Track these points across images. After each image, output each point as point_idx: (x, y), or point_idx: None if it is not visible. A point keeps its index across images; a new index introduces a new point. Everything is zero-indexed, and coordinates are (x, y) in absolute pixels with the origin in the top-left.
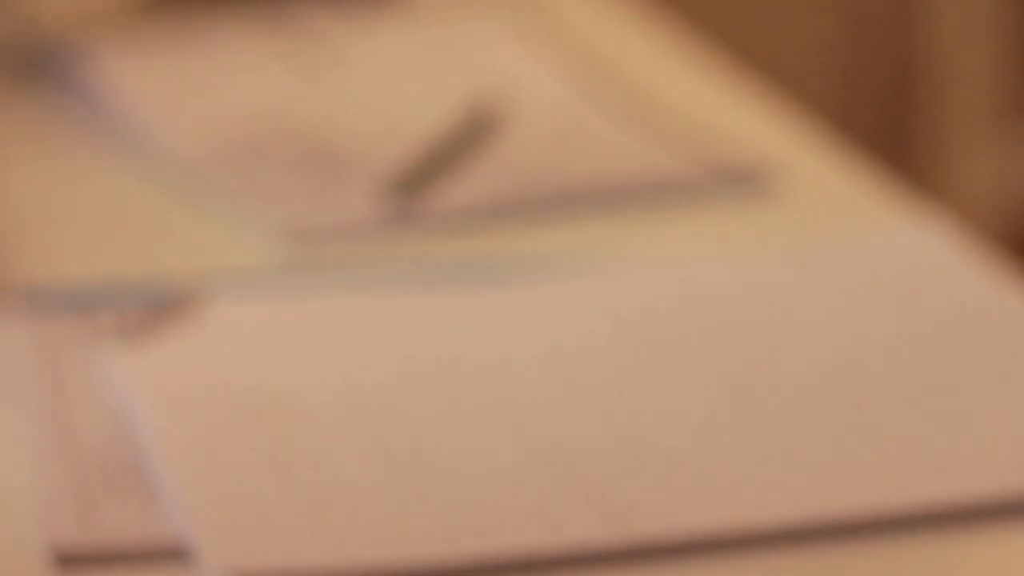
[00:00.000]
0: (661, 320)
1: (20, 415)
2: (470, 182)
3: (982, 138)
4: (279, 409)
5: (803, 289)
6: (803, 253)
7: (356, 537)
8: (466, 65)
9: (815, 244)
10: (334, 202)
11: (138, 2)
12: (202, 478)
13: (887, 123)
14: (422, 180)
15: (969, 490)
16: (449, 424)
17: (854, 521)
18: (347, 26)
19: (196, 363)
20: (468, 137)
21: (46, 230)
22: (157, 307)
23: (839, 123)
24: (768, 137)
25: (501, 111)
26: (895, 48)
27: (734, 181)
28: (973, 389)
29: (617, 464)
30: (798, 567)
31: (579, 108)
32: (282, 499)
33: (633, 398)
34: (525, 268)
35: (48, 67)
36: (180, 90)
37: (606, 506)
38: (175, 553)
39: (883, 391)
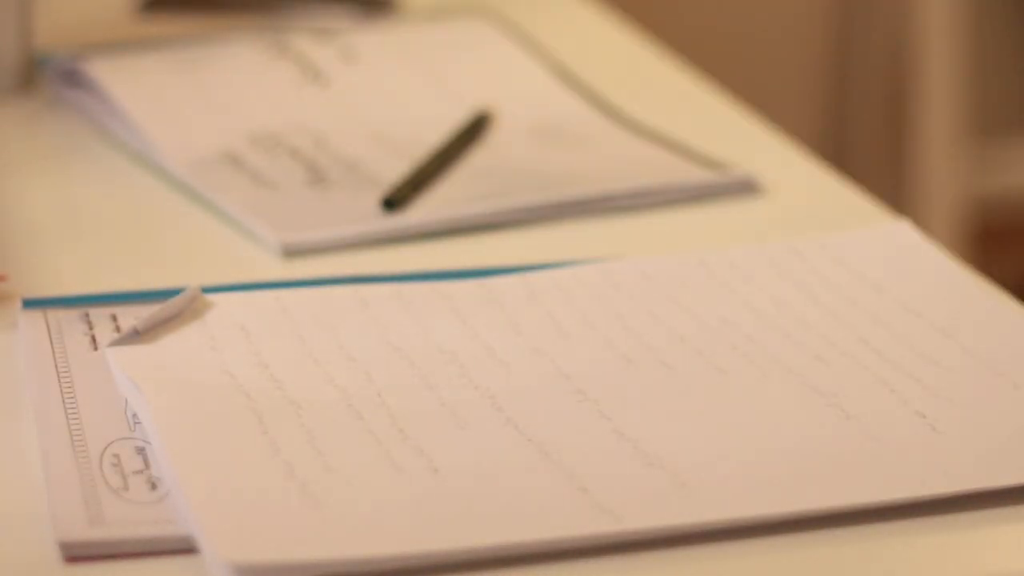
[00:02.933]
0: (644, 312)
1: (26, 414)
2: (463, 190)
3: (954, 155)
4: (279, 404)
5: (783, 283)
6: (784, 248)
7: (354, 532)
8: (457, 72)
9: (796, 240)
10: (329, 215)
11: (136, 12)
12: (204, 474)
13: (874, 138)
14: (416, 190)
15: (953, 481)
16: (442, 419)
17: (836, 513)
18: (342, 34)
19: (197, 359)
20: (461, 144)
21: (47, 237)
22: (157, 306)
23: (827, 135)
24: (758, 143)
25: (494, 116)
26: (882, 72)
27: (726, 183)
28: (949, 379)
29: (603, 458)
30: (780, 558)
31: (572, 111)
32: (282, 494)
33: (618, 390)
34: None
35: (46, 78)
36: (177, 101)
37: (595, 500)
38: (180, 549)
39: (862, 383)
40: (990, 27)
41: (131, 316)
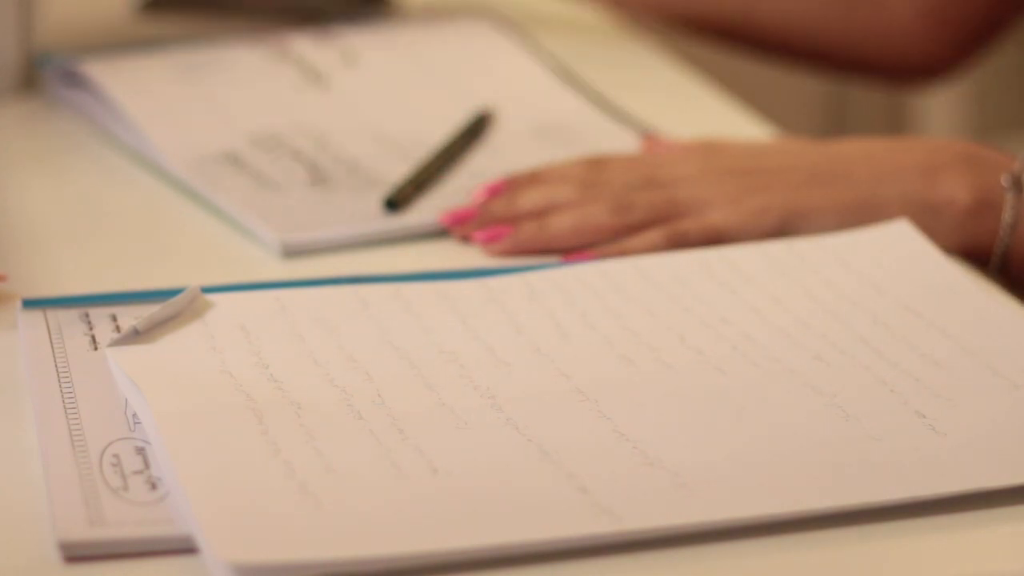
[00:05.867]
0: (644, 312)
1: (26, 414)
2: (464, 190)
3: None
4: (279, 404)
5: (783, 283)
6: (784, 248)
7: (354, 532)
8: (457, 72)
9: (796, 240)
10: (330, 215)
11: (135, 12)
12: (204, 474)
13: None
14: (418, 191)
15: (953, 481)
16: (442, 419)
17: (836, 513)
18: (342, 36)
19: (197, 359)
20: (462, 144)
21: (47, 237)
22: (157, 306)
23: (827, 135)
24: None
25: (494, 116)
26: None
27: None
28: (949, 379)
29: (603, 458)
30: (779, 558)
31: (572, 111)
32: (282, 494)
33: (618, 390)
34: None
35: (46, 78)
36: (177, 102)
37: (595, 500)
38: (180, 549)
39: (862, 383)
40: None
41: (131, 316)
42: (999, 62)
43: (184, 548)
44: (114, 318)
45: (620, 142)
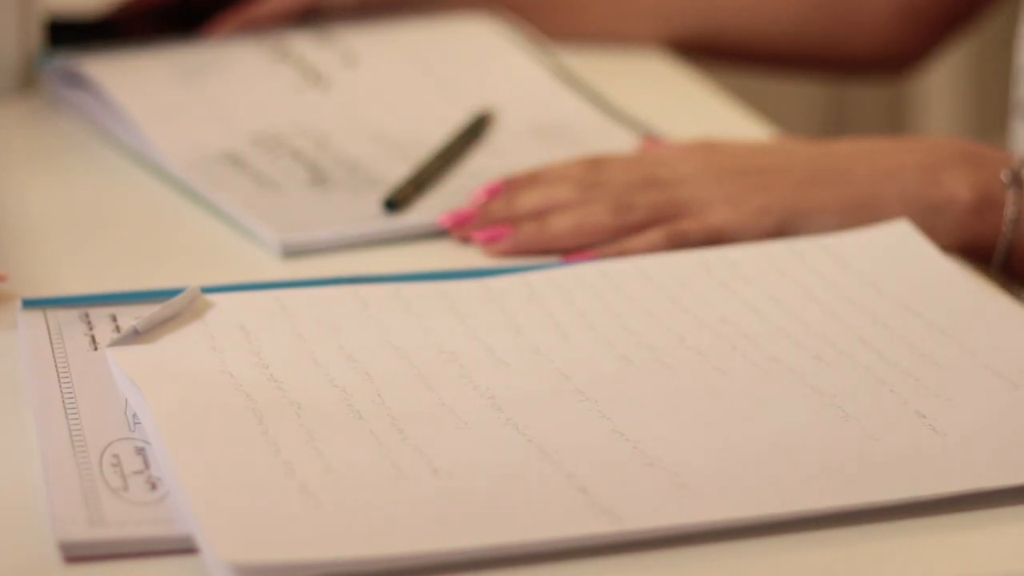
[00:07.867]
0: (644, 312)
1: (26, 414)
2: (464, 190)
3: None
4: (279, 404)
5: (783, 283)
6: (784, 248)
7: (354, 532)
8: (457, 73)
9: (796, 240)
10: (330, 215)
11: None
12: (204, 474)
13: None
14: (417, 191)
15: (953, 481)
16: (442, 419)
17: (836, 513)
18: (343, 35)
19: (196, 359)
20: (462, 145)
21: (47, 237)
22: (157, 306)
23: (827, 135)
24: None
25: (494, 116)
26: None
27: None
28: (949, 379)
29: (603, 458)
30: (779, 558)
31: (572, 111)
32: (282, 494)
33: (618, 390)
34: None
35: (46, 78)
36: (177, 102)
37: (595, 500)
38: (180, 549)
39: (862, 382)
40: (990, 26)
41: (131, 316)
42: (1000, 61)
43: (184, 548)
44: (114, 318)
45: (620, 142)
